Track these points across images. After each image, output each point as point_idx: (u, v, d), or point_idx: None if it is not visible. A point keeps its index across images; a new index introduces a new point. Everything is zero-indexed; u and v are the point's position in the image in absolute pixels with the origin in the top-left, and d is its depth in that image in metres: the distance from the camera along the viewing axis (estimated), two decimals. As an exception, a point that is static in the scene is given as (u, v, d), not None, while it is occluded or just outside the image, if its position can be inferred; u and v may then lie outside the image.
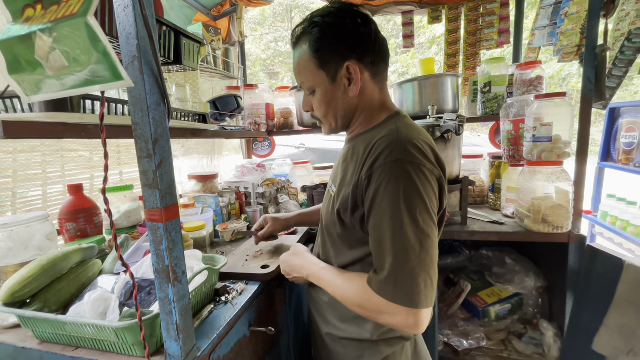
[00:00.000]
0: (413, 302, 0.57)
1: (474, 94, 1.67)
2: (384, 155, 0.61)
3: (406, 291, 0.57)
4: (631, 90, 7.72)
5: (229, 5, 1.98)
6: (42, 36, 0.37)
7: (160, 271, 0.52)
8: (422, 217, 0.59)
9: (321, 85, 0.71)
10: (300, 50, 0.71)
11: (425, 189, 0.60)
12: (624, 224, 1.63)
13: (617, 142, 1.74)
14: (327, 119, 0.75)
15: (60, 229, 0.95)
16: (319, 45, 0.67)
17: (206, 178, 1.53)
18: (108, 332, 0.57)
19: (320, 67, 0.69)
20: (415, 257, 0.58)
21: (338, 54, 0.67)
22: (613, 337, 1.03)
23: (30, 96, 0.43)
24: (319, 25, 0.67)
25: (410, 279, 0.57)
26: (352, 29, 0.67)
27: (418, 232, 0.58)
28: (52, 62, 0.38)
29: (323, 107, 0.73)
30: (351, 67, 0.67)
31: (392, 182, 0.59)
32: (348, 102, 0.72)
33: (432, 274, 0.59)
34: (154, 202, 0.49)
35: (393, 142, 0.62)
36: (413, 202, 0.58)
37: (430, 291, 0.59)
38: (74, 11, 0.36)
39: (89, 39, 0.36)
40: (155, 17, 0.89)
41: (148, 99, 0.47)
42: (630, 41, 1.20)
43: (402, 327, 0.60)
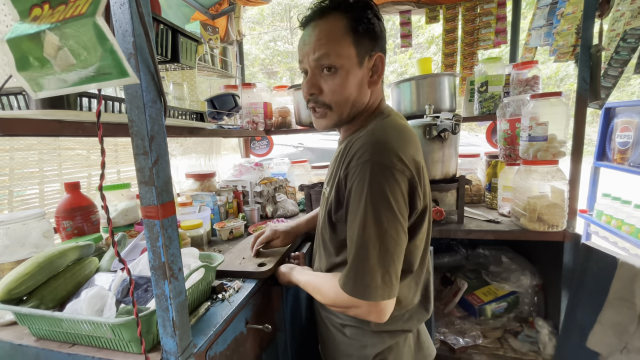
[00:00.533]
0: (371, 296, 0.61)
1: (471, 93, 1.68)
2: (357, 156, 0.63)
3: (364, 286, 0.61)
4: (628, 90, 7.76)
5: (227, 4, 1.98)
6: (50, 35, 0.38)
7: (157, 268, 0.52)
8: (385, 217, 0.60)
9: (348, 64, 0.65)
10: (330, 22, 0.65)
11: (392, 190, 0.60)
12: (619, 222, 1.65)
13: (613, 141, 1.75)
14: (340, 106, 0.69)
15: (57, 227, 0.95)
16: (359, 22, 0.64)
17: (204, 177, 1.53)
18: (105, 328, 0.57)
19: (353, 44, 0.65)
20: (374, 254, 0.60)
21: (373, 40, 0.66)
22: (607, 335, 1.04)
23: (37, 92, 0.44)
24: (360, 8, 0.65)
25: (369, 275, 0.61)
26: (381, 24, 0.68)
27: (380, 230, 0.60)
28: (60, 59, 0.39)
29: (343, 91, 0.67)
30: (380, 58, 0.68)
31: (360, 183, 0.61)
32: (365, 93, 0.70)
33: (392, 271, 0.62)
34: (150, 198, 0.49)
35: (365, 143, 0.63)
36: (377, 202, 0.60)
37: (389, 286, 0.62)
38: (82, 11, 0.37)
39: (97, 38, 0.37)
40: (153, 15, 0.89)
41: (144, 96, 0.47)
42: (625, 41, 1.21)
43: (366, 318, 0.65)
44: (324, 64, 0.66)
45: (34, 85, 0.44)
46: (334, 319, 0.80)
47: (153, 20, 0.90)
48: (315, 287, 0.75)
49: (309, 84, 0.69)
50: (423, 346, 0.82)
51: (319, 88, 0.69)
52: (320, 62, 0.66)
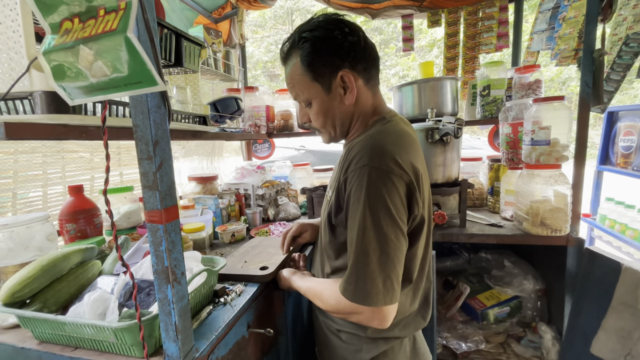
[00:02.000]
0: (373, 302, 0.61)
1: (473, 97, 1.68)
2: (355, 161, 0.64)
3: (365, 292, 0.61)
4: (631, 94, 7.74)
5: (230, 8, 1.99)
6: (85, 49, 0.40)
7: (160, 272, 0.52)
8: (384, 222, 0.61)
9: (317, 97, 0.73)
10: (291, 65, 0.73)
11: (390, 195, 0.61)
12: (623, 227, 1.64)
13: (616, 145, 1.75)
14: (326, 129, 0.77)
15: (61, 230, 0.96)
16: (311, 59, 0.69)
17: (206, 180, 1.53)
18: (107, 332, 0.57)
19: (314, 80, 0.71)
20: (375, 259, 0.61)
21: (330, 65, 0.69)
22: (611, 340, 1.03)
23: (73, 99, 0.46)
24: (309, 40, 0.69)
25: (370, 280, 0.61)
26: (342, 39, 0.68)
27: (380, 236, 0.60)
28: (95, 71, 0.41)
29: (321, 118, 0.75)
30: (345, 76, 0.69)
31: (358, 187, 0.62)
32: (344, 110, 0.74)
33: (393, 275, 0.62)
34: (154, 203, 0.50)
35: (364, 148, 0.64)
36: (375, 207, 0.60)
37: (391, 291, 0.62)
38: (112, 27, 0.39)
39: (128, 53, 0.39)
40: (157, 20, 0.90)
41: (149, 101, 0.47)
42: (627, 45, 1.21)
43: (368, 324, 0.65)
44: (300, 100, 0.76)
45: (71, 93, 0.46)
46: (330, 323, 0.81)
47: (157, 25, 0.91)
48: (316, 293, 0.75)
49: (300, 114, 0.82)
50: (419, 352, 0.82)
51: (308, 117, 0.79)
52: (297, 99, 0.77)
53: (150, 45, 0.46)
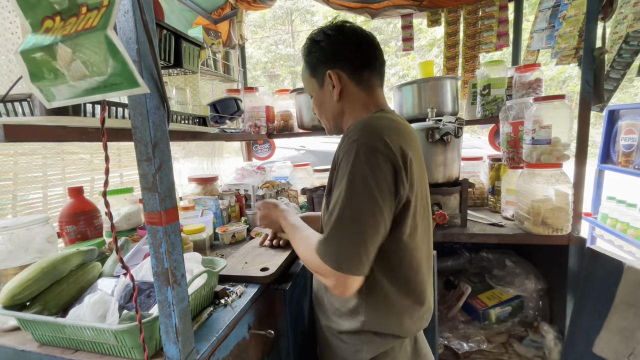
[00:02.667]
0: (339, 266, 0.64)
1: (474, 96, 1.67)
2: (347, 138, 0.69)
3: (334, 256, 0.65)
4: (631, 92, 7.73)
5: (229, 9, 1.99)
6: (63, 47, 0.39)
7: (160, 274, 0.52)
8: (363, 197, 0.64)
9: (314, 91, 0.85)
10: (303, 62, 0.86)
11: (374, 172, 0.64)
12: (624, 226, 1.63)
13: (617, 144, 1.74)
14: (323, 120, 0.88)
15: (61, 232, 0.95)
16: (309, 57, 0.82)
17: (206, 180, 1.53)
18: (107, 334, 0.57)
19: (312, 76, 0.83)
20: (347, 227, 0.64)
21: (322, 63, 0.79)
22: (614, 340, 1.03)
23: (51, 102, 0.45)
24: (311, 41, 0.81)
25: (341, 246, 0.64)
26: (335, 42, 0.77)
27: (354, 205, 0.64)
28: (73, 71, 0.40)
29: (317, 110, 0.87)
30: (331, 74, 0.78)
31: (346, 160, 0.66)
32: (334, 105, 0.82)
33: (362, 247, 0.64)
34: (154, 205, 0.50)
35: (356, 126, 0.69)
36: (357, 181, 0.64)
37: (357, 261, 0.64)
38: (93, 24, 0.37)
39: (108, 50, 0.38)
40: (156, 21, 0.90)
41: (148, 102, 0.47)
42: (627, 44, 1.21)
43: (332, 288, 0.68)
44: (307, 93, 0.89)
45: (48, 95, 0.44)
46: (332, 326, 0.81)
47: (156, 26, 0.91)
48: (301, 239, 0.80)
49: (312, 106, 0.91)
50: (420, 353, 0.82)
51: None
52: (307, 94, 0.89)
53: (149, 46, 0.46)
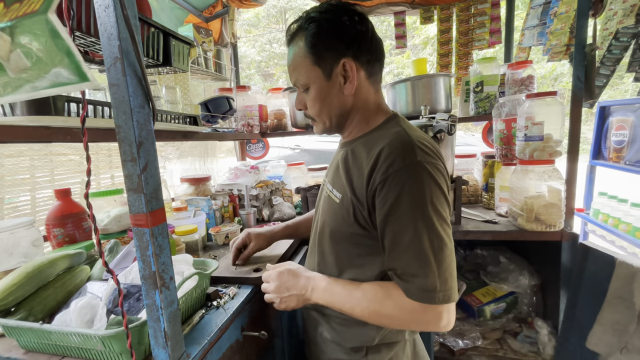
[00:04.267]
0: (449, 298, 0.58)
1: (467, 93, 1.68)
2: (401, 158, 0.60)
3: (442, 289, 0.58)
4: (622, 89, 7.83)
5: (220, 7, 1.97)
6: (2, 35, 0.36)
7: (147, 277, 0.50)
8: (445, 212, 0.61)
9: (316, 82, 0.69)
10: (295, 47, 0.70)
11: (443, 186, 0.61)
12: (616, 221, 1.65)
13: (608, 140, 1.76)
14: (320, 117, 0.73)
15: (48, 235, 0.93)
16: (315, 40, 0.66)
17: (198, 181, 1.51)
18: (94, 340, 0.55)
19: (315, 63, 0.68)
20: (448, 253, 0.59)
21: (334, 50, 0.66)
22: (606, 334, 1.04)
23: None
24: (316, 21, 0.66)
25: (449, 276, 0.59)
26: (350, 26, 0.66)
27: (446, 227, 0.60)
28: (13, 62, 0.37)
29: (317, 105, 0.71)
30: (347, 64, 0.66)
31: (417, 183, 0.59)
32: (343, 100, 0.70)
33: (455, 270, 0.61)
34: (139, 206, 0.48)
35: (407, 144, 0.61)
36: (439, 199, 0.60)
37: (456, 285, 0.61)
38: (34, 8, 0.35)
39: (50, 36, 0.35)
40: (143, 19, 0.88)
41: (131, 101, 0.45)
42: (617, 40, 1.22)
43: (440, 328, 0.60)
44: (299, 85, 0.73)
45: None
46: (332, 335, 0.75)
47: (144, 23, 0.89)
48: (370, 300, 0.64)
49: (296, 100, 0.77)
50: (419, 355, 0.81)
51: (304, 104, 0.75)
52: (297, 84, 0.73)
53: (132, 42, 0.44)
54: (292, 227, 1.03)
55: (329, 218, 0.73)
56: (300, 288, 0.72)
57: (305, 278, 0.73)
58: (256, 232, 0.98)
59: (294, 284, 0.72)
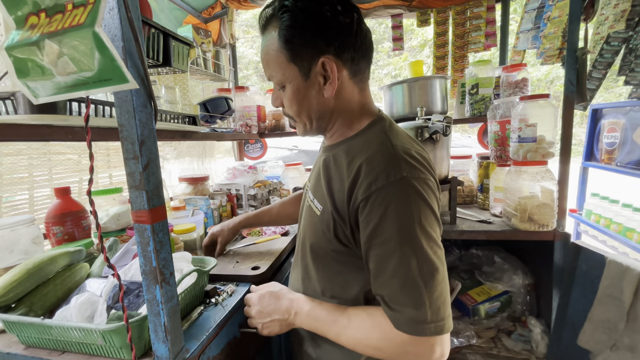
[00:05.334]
0: (442, 329, 0.53)
1: (462, 95, 1.70)
2: (385, 174, 0.54)
3: (437, 321, 0.52)
4: (616, 92, 7.93)
5: (219, 8, 1.98)
6: (50, 43, 0.39)
7: (148, 272, 0.52)
8: (435, 233, 0.55)
9: (292, 81, 0.61)
10: (269, 37, 0.60)
11: (432, 202, 0.55)
12: (607, 221, 1.68)
13: (600, 142, 1.79)
14: (300, 118, 0.66)
15: (47, 233, 0.94)
16: (289, 34, 0.57)
17: (197, 180, 1.52)
18: (95, 335, 0.56)
19: (291, 60, 0.59)
20: (440, 279, 0.53)
21: (312, 46, 0.58)
22: (597, 332, 1.06)
23: (37, 98, 0.45)
24: (290, 11, 0.56)
25: (441, 305, 0.53)
26: (330, 17, 0.57)
27: (436, 248, 0.54)
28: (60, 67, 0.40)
29: (295, 106, 0.64)
30: (327, 63, 0.58)
31: (403, 204, 0.53)
32: (323, 102, 0.63)
33: (448, 296, 0.56)
34: (141, 203, 0.49)
35: (391, 157, 0.55)
36: (427, 218, 0.54)
37: (450, 312, 0.55)
38: (80, 21, 0.37)
39: (97, 48, 0.38)
40: (143, 19, 0.89)
41: (134, 100, 0.47)
42: (609, 44, 1.24)
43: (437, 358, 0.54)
44: (274, 82, 0.65)
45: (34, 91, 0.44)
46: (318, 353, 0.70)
47: (144, 24, 0.90)
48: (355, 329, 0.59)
49: (273, 96, 0.69)
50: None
51: (280, 101, 0.68)
52: (271, 80, 0.66)
53: (135, 43, 0.46)
54: (253, 217, 1.08)
55: (309, 231, 0.68)
56: (282, 312, 0.67)
57: (288, 300, 0.68)
58: (218, 229, 1.06)
59: (275, 308, 0.68)
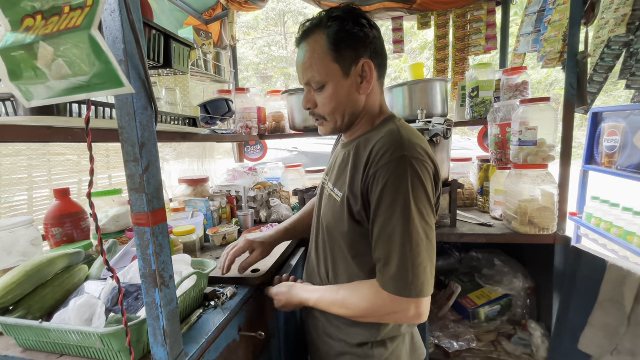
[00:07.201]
0: (422, 293, 0.61)
1: (463, 98, 1.70)
2: (390, 153, 0.63)
3: (417, 284, 0.61)
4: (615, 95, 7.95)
5: (220, 9, 1.98)
6: (45, 46, 0.38)
7: (147, 276, 0.51)
8: (426, 210, 0.63)
9: (333, 80, 0.71)
10: (312, 44, 0.71)
11: (427, 182, 0.64)
12: (608, 225, 1.68)
13: (600, 145, 1.79)
14: (333, 116, 0.74)
15: (46, 234, 0.94)
16: (339, 37, 0.68)
17: (197, 182, 1.52)
18: (93, 338, 0.56)
19: (335, 61, 0.69)
20: (423, 248, 0.61)
21: (356, 49, 0.69)
22: (598, 336, 1.05)
23: (30, 101, 0.44)
24: (340, 19, 0.69)
25: (422, 271, 0.61)
26: (368, 29, 0.70)
27: (424, 224, 0.62)
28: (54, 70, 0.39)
29: (333, 103, 0.72)
30: (367, 64, 0.70)
31: (400, 178, 0.61)
32: (357, 100, 0.73)
33: (432, 266, 0.64)
34: (141, 206, 0.49)
35: (397, 140, 0.65)
36: (420, 195, 0.62)
37: (432, 281, 0.63)
38: (77, 24, 0.37)
39: (92, 51, 0.38)
40: (145, 21, 0.89)
41: (135, 103, 0.47)
42: (609, 48, 1.24)
43: (408, 320, 0.64)
44: (314, 82, 0.73)
45: (27, 94, 0.44)
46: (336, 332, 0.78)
47: (145, 25, 0.90)
48: (337, 301, 0.71)
49: (305, 100, 0.76)
50: (416, 346, 0.82)
51: (314, 103, 0.75)
52: (311, 82, 0.73)
53: (136, 46, 0.46)
54: (291, 229, 1.00)
55: (330, 218, 0.76)
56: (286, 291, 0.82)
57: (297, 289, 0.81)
58: (259, 240, 0.92)
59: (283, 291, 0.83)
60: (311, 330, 0.86)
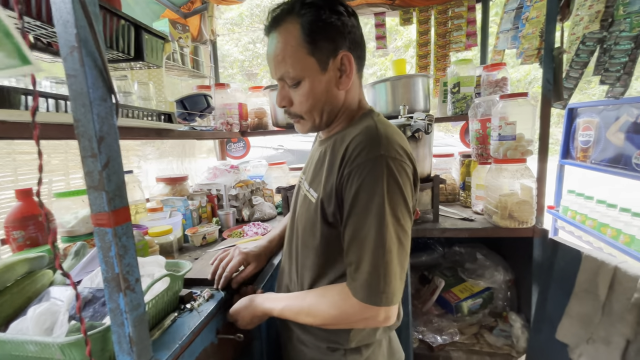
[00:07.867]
0: (391, 301, 0.58)
1: (445, 94, 1.71)
2: (366, 151, 0.59)
3: (387, 292, 0.58)
4: (589, 92, 8.27)
5: (199, 3, 1.92)
6: None
7: (110, 280, 0.48)
8: (402, 214, 0.59)
9: (310, 75, 0.64)
10: (284, 34, 0.63)
11: (405, 185, 0.60)
12: (583, 217, 1.73)
13: (575, 140, 1.84)
14: (311, 115, 0.68)
15: (7, 238, 0.87)
16: (314, 28, 0.61)
17: (175, 180, 1.46)
18: (53, 348, 0.52)
19: (311, 54, 0.62)
20: (395, 255, 0.58)
21: (333, 41, 0.62)
22: (574, 326, 1.08)
23: None
24: (315, 6, 0.61)
25: (393, 279, 0.58)
26: (346, 17, 0.63)
27: (399, 229, 0.59)
28: None
29: (310, 101, 0.66)
30: (346, 57, 0.63)
31: (375, 179, 0.57)
32: (336, 96, 0.67)
33: (404, 273, 0.60)
34: (100, 205, 0.45)
35: (374, 137, 0.60)
36: (396, 198, 0.58)
37: (402, 285, 0.60)
38: None
39: None
40: (112, 10, 0.84)
41: (91, 93, 0.43)
42: (584, 44, 1.27)
43: (377, 324, 0.61)
44: (288, 78, 0.66)
45: None
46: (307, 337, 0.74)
47: (113, 15, 0.85)
48: (302, 309, 0.67)
49: (279, 97, 0.70)
50: (394, 350, 0.81)
51: (289, 100, 0.69)
52: (285, 77, 0.66)
53: (90, 30, 0.42)
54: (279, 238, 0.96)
55: (304, 219, 0.71)
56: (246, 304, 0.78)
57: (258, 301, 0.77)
58: (254, 253, 0.88)
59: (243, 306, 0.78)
60: (286, 342, 0.82)
